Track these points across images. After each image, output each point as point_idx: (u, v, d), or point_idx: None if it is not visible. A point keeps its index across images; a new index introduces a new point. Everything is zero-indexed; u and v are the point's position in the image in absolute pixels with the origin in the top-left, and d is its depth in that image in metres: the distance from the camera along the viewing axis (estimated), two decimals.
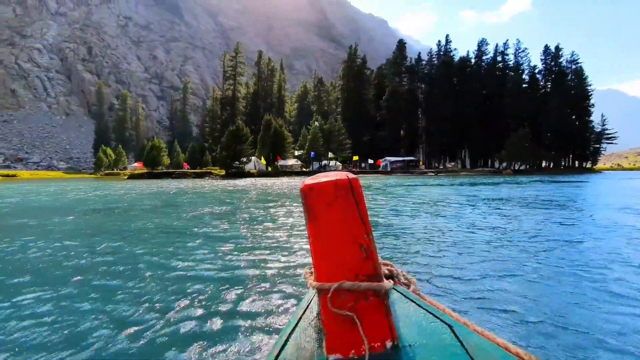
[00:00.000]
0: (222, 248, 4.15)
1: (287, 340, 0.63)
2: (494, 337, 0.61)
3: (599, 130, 60.99)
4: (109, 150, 67.20)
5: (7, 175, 39.91)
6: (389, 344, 0.55)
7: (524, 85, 61.32)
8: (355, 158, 45.74)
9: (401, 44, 66.23)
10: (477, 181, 21.66)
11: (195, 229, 5.52)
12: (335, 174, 0.61)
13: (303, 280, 0.65)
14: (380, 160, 48.12)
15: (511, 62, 65.53)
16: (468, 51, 68.70)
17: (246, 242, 4.49)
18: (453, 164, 62.06)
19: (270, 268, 3.21)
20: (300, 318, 0.70)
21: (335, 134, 45.66)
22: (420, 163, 51.24)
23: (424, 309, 0.68)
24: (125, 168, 65.09)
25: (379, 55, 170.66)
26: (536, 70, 63.42)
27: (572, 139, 57.08)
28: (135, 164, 63.91)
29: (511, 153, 49.48)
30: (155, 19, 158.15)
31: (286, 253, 3.81)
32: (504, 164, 54.98)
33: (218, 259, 3.64)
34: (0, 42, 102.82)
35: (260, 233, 5.09)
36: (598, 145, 60.53)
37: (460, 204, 8.59)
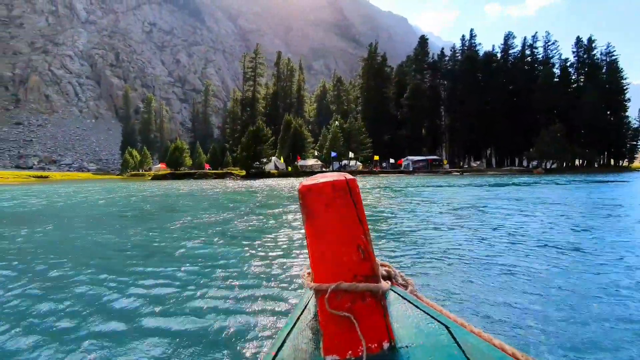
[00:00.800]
0: (223, 248, 4.09)
1: (284, 341, 0.63)
2: (491, 337, 0.61)
3: (636, 126, 56.88)
4: (134, 152, 69.35)
5: (40, 177, 41.85)
6: (385, 344, 0.55)
7: (555, 80, 58.10)
8: (376, 158, 44.64)
9: (423, 40, 64.44)
10: (509, 181, 20.35)
11: (196, 231, 5.53)
12: (333, 175, 0.61)
13: (301, 280, 0.69)
14: (402, 159, 46.77)
15: (540, 56, 62.39)
16: (493, 45, 66.05)
17: (249, 242, 4.41)
18: (478, 162, 59.72)
19: (271, 268, 3.16)
20: (298, 319, 0.70)
21: (355, 133, 44.76)
22: (445, 162, 49.32)
23: (421, 309, 0.68)
24: (150, 169, 66.96)
25: (399, 53, 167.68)
26: (568, 64, 59.99)
27: (607, 135, 53.43)
28: (159, 165, 65.62)
29: (542, 150, 46.74)
30: (179, 24, 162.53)
31: (291, 253, 3.77)
32: (534, 162, 52.24)
33: (217, 257, 3.62)
34: (35, 50, 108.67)
35: (267, 234, 4.99)
36: (635, 142, 56.47)
37: (505, 210, 7.37)
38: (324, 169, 43.37)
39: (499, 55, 63.97)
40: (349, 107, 68.94)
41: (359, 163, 46.47)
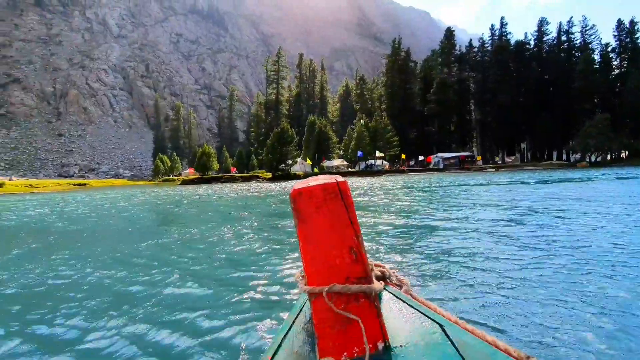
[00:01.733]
0: (224, 250, 4.06)
1: (280, 345, 0.62)
2: (484, 334, 0.61)
3: None
4: (165, 158, 71.80)
5: (79, 184, 44.13)
6: (380, 345, 0.55)
7: (595, 66, 53.85)
8: (403, 156, 43.12)
9: (449, 32, 61.95)
10: (555, 176, 18.61)
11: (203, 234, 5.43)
12: (325, 178, 0.60)
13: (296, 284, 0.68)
14: (431, 156, 44.87)
15: (577, 42, 58.19)
16: (526, 33, 62.41)
17: (251, 245, 4.33)
18: (513, 157, 56.49)
19: (269, 270, 3.13)
20: (293, 322, 0.70)
21: (381, 131, 43.50)
22: (478, 158, 46.76)
23: (414, 309, 0.68)
24: (179, 174, 69.07)
25: (422, 49, 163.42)
26: (609, 49, 55.45)
27: None
28: (188, 170, 67.51)
29: (587, 142, 43.22)
30: (203, 33, 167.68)
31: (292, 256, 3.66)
32: (577, 156, 48.53)
33: (216, 261, 3.60)
34: (73, 66, 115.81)
35: (274, 237, 4.90)
36: None
37: (584, 215, 5.51)
38: (349, 169, 42.55)
39: (532, 43, 60.40)
40: (373, 105, 67.63)
41: (385, 162, 45.12)
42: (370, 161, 44.35)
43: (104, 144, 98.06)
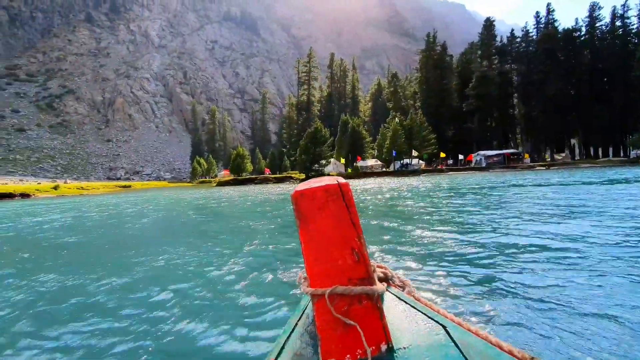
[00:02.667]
0: (229, 251, 4.09)
1: (283, 347, 0.62)
2: (487, 335, 0.61)
3: None
4: (202, 160, 74.51)
5: (124, 187, 46.91)
6: (383, 346, 0.55)
7: None
8: (442, 155, 40.99)
9: (489, 23, 58.42)
10: (625, 175, 16.46)
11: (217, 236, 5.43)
12: (327, 179, 0.61)
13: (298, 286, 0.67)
14: (472, 155, 42.23)
15: (635, 27, 52.39)
16: (577, 19, 57.30)
17: (257, 246, 4.28)
18: (563, 154, 51.99)
19: (273, 271, 3.09)
20: (296, 324, 0.70)
21: (417, 129, 41.65)
22: (526, 155, 43.29)
23: (417, 310, 0.67)
24: (215, 175, 71.37)
25: (457, 43, 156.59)
26: None
27: None
28: (223, 172, 69.53)
29: None
30: (237, 39, 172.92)
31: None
32: (638, 152, 43.62)
33: (223, 261, 3.59)
34: (119, 76, 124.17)
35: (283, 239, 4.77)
36: None
37: None
38: (384, 169, 41.29)
39: (583, 30, 55.28)
40: (407, 103, 65.53)
41: (421, 161, 43.21)
42: (406, 160, 42.67)
43: (146, 148, 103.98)
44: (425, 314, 0.65)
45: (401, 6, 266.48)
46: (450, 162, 47.23)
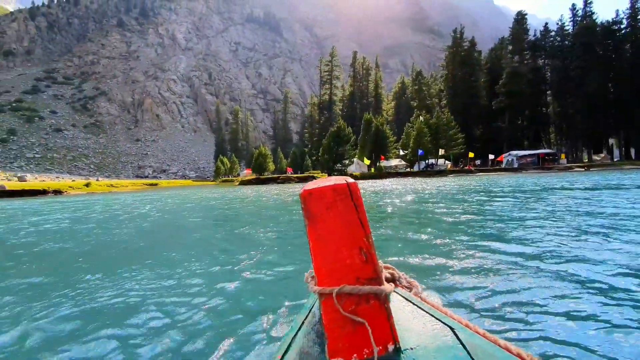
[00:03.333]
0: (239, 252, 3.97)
1: (290, 345, 0.63)
2: (496, 338, 0.60)
3: None
4: (225, 160, 75.72)
5: (151, 184, 48.38)
6: (390, 347, 0.55)
7: None
8: (471, 155, 39.22)
9: (520, 17, 55.65)
10: None
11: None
12: (335, 179, 0.61)
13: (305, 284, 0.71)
14: (503, 155, 40.12)
15: None
16: (617, 10, 53.45)
17: (264, 246, 4.18)
18: (602, 155, 48.65)
19: (277, 271, 3.07)
20: (303, 322, 0.70)
21: (444, 128, 40.06)
22: (562, 156, 40.60)
23: (425, 311, 0.67)
24: (238, 175, 72.34)
25: (485, 39, 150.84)
26: None
27: None
28: (245, 171, 70.35)
29: None
30: (260, 40, 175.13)
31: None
32: None
33: (228, 260, 3.57)
34: (148, 78, 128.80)
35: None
36: None
37: None
38: (407, 169, 40.16)
39: (624, 22, 51.41)
40: (432, 102, 63.65)
41: (447, 162, 41.56)
42: (431, 160, 41.21)
43: (173, 148, 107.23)
44: (432, 315, 0.65)
45: (425, 3, 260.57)
46: (478, 162, 45.26)
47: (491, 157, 41.64)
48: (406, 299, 0.72)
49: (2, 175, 50.06)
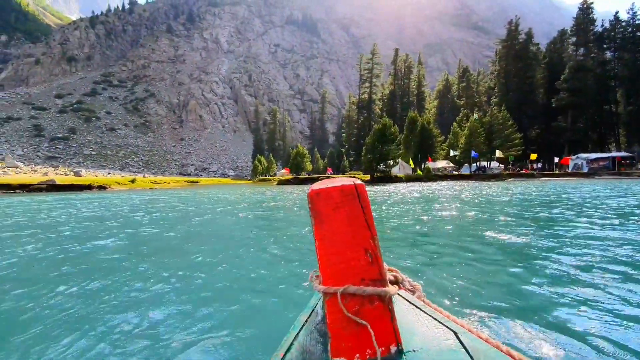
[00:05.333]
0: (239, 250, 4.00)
1: (292, 343, 0.62)
2: (498, 343, 0.60)
3: None
4: (262, 159, 76.56)
5: (192, 182, 49.80)
6: (393, 348, 0.55)
7: None
8: (533, 157, 35.36)
9: (585, 6, 50.02)
10: None
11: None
12: (342, 180, 0.61)
13: (309, 283, 0.70)
14: (569, 157, 35.69)
15: None
16: None
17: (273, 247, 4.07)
18: None
19: (282, 270, 3.12)
20: (306, 321, 0.70)
21: (499, 127, 36.53)
22: None
23: (428, 314, 0.67)
24: (274, 174, 72.72)
25: (537, 34, 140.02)
26: None
27: None
28: (283, 170, 70.43)
29: None
30: (298, 41, 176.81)
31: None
32: None
33: (232, 259, 3.56)
34: (193, 80, 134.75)
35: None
36: None
37: None
38: (455, 172, 37.29)
39: None
40: (480, 100, 59.44)
41: (501, 165, 37.83)
42: (483, 163, 37.83)
43: (214, 147, 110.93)
44: (435, 319, 0.65)
45: None
46: (536, 166, 41.08)
47: (556, 160, 37.08)
48: (409, 302, 0.72)
49: (62, 170, 54.24)
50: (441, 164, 39.35)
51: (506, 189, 15.63)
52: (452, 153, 37.52)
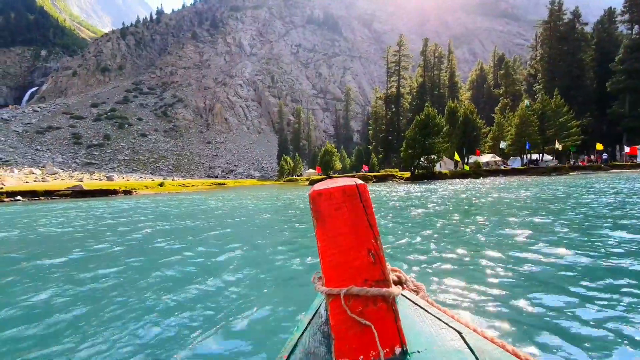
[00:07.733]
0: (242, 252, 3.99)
1: (296, 345, 0.62)
2: (504, 343, 0.60)
3: None
4: (288, 159, 75.81)
5: (219, 184, 49.55)
6: (397, 349, 0.54)
7: None
8: (599, 147, 31.43)
9: None
10: None
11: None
12: (344, 180, 0.61)
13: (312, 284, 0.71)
14: (637, 147, 31.47)
15: None
16: None
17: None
18: None
19: (285, 270, 3.07)
20: (309, 323, 0.69)
21: (551, 115, 32.76)
22: None
23: (433, 315, 0.67)
24: (301, 174, 71.67)
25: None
26: None
27: None
28: (310, 170, 69.16)
29: None
30: (319, 40, 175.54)
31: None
32: None
33: (237, 260, 3.54)
34: (218, 84, 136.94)
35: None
36: None
37: None
38: (502, 166, 34.04)
39: None
40: (520, 88, 55.19)
41: (555, 160, 33.89)
42: (534, 156, 34.29)
43: (239, 149, 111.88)
44: (440, 319, 0.65)
45: None
46: (592, 157, 37.04)
47: (627, 150, 32.70)
48: (413, 302, 0.72)
49: (97, 175, 56.01)
50: (486, 157, 36.05)
51: (609, 186, 13.16)
52: (502, 145, 33.94)
